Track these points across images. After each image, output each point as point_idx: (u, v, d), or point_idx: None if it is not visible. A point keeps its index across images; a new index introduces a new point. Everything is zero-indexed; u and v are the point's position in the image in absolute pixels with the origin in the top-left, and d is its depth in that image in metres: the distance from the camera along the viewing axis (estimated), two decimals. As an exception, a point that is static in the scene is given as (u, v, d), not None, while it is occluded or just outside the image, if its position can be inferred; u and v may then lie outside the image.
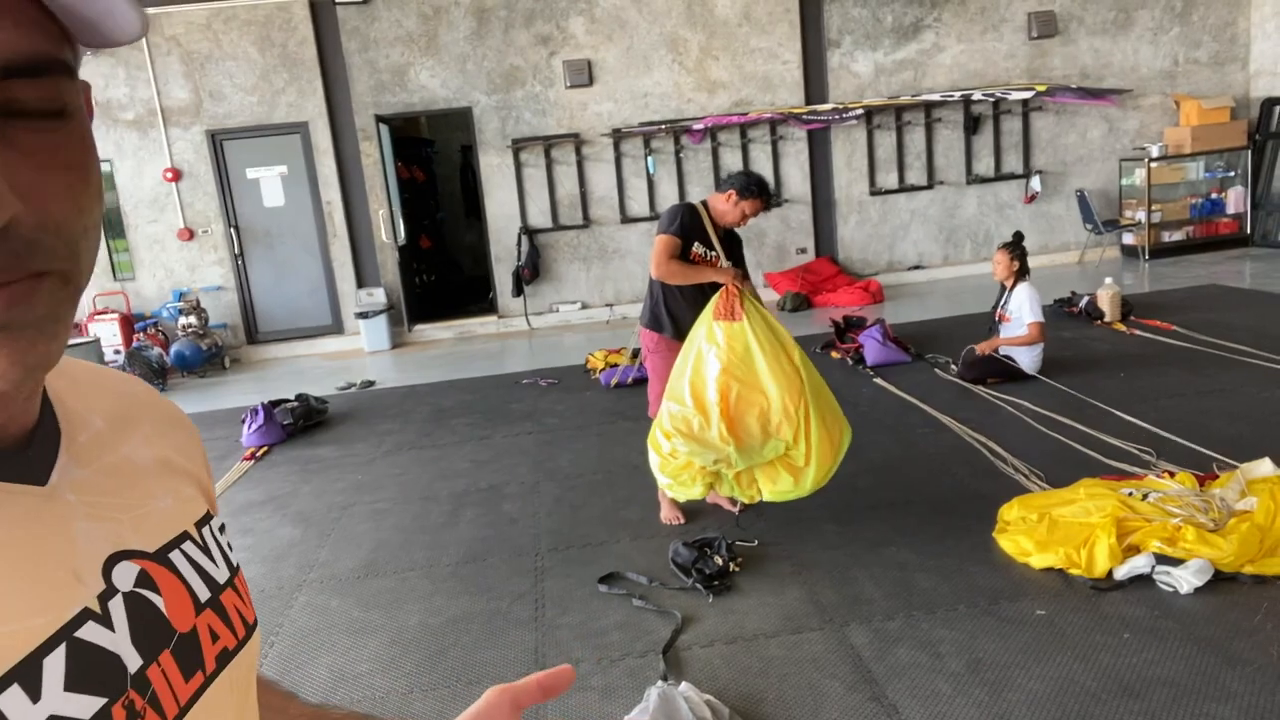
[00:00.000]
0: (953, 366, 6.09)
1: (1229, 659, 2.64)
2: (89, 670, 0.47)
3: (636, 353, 6.49)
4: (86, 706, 0.46)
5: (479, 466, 5.13)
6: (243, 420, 6.09)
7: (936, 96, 9.71)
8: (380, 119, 9.37)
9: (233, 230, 9.33)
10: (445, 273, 12.40)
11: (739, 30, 9.48)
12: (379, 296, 9.33)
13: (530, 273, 9.60)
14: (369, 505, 4.70)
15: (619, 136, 9.47)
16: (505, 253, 9.68)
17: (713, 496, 3.96)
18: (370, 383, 7.71)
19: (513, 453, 5.32)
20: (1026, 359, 5.68)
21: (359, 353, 9.27)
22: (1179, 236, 10.02)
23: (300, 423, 6.21)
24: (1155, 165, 9.74)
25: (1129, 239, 10.13)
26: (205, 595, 0.58)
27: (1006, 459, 4.36)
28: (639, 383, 6.16)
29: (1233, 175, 10.08)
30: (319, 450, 5.79)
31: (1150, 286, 8.51)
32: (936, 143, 9.94)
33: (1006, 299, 5.82)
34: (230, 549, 0.64)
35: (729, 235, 3.93)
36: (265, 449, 5.89)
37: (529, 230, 9.59)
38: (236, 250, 9.38)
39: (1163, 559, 3.09)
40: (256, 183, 9.33)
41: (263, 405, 6.10)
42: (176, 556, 0.57)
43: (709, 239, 3.82)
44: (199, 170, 9.19)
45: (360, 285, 9.49)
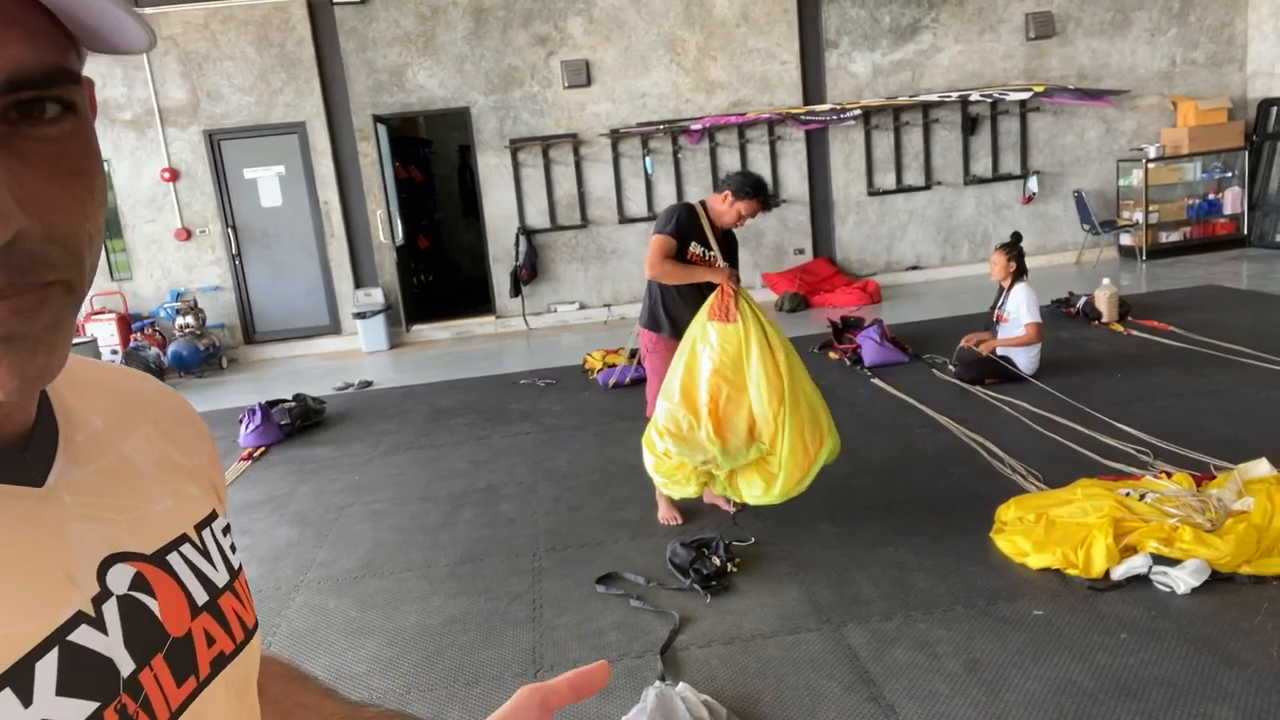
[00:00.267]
0: (951, 366, 6.09)
1: (1226, 659, 2.65)
2: (81, 674, 0.47)
3: (634, 353, 6.49)
4: (78, 711, 0.46)
5: (477, 467, 5.13)
6: (240, 420, 6.09)
7: (934, 97, 9.72)
8: (378, 119, 9.37)
9: (230, 230, 9.32)
10: (443, 273, 12.40)
11: (737, 31, 9.48)
12: (377, 297, 9.33)
13: (528, 273, 9.60)
14: (367, 506, 4.70)
15: (617, 137, 9.47)
16: (503, 253, 9.68)
17: (710, 496, 3.97)
18: (368, 383, 7.71)
19: (511, 453, 5.32)
20: (1024, 360, 5.69)
21: (357, 353, 9.26)
22: (1176, 237, 10.04)
23: (298, 423, 6.20)
24: (1153, 166, 9.75)
25: (1126, 240, 10.14)
26: (202, 599, 0.57)
27: (1004, 459, 4.36)
28: (637, 383, 6.16)
29: (1230, 176, 10.09)
30: (316, 451, 5.79)
31: (1147, 287, 8.52)
32: (934, 143, 9.94)
33: (1004, 300, 5.82)
34: (233, 551, 0.64)
35: (726, 235, 3.93)
36: (263, 449, 5.88)
37: (527, 230, 9.59)
38: (234, 250, 9.37)
39: (1160, 559, 3.10)
40: (254, 183, 9.32)
41: (260, 405, 6.09)
42: (174, 559, 0.57)
43: (706, 239, 3.82)
44: (196, 170, 9.18)
45: (358, 285, 9.49)
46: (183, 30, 8.88)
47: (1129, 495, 3.46)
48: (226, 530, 0.65)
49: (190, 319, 8.74)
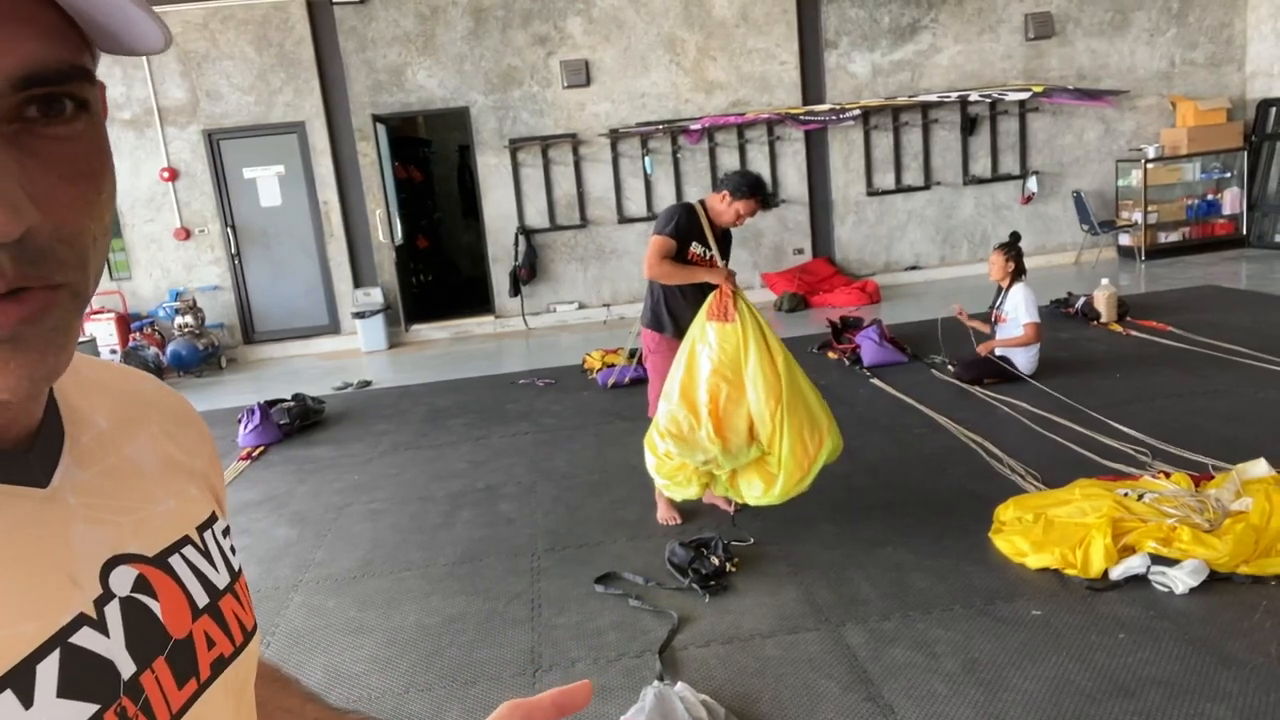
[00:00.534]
0: (950, 366, 6.10)
1: (1224, 659, 2.65)
2: (82, 676, 0.47)
3: (634, 353, 6.49)
4: (78, 713, 0.46)
5: (476, 467, 5.13)
6: (239, 420, 6.08)
7: (933, 97, 9.72)
8: (377, 119, 9.37)
9: (229, 230, 9.31)
10: (442, 273, 12.39)
11: (736, 31, 9.48)
12: (376, 296, 9.32)
13: (527, 273, 9.60)
14: (365, 505, 4.70)
15: (616, 137, 9.47)
16: (502, 253, 9.68)
17: (709, 496, 3.97)
18: (367, 383, 7.71)
19: (509, 453, 5.32)
20: (1023, 360, 5.69)
21: (356, 353, 9.26)
22: (1175, 237, 10.04)
23: (297, 423, 6.20)
24: (1152, 166, 9.75)
25: (1125, 240, 10.14)
26: (203, 601, 0.57)
27: (1003, 459, 4.36)
28: (636, 383, 6.16)
29: (1229, 176, 10.09)
30: (315, 450, 5.79)
31: (1146, 287, 8.53)
32: (933, 143, 9.95)
33: (1002, 300, 5.82)
34: (233, 552, 0.64)
35: (725, 235, 3.94)
36: (262, 449, 5.88)
37: (526, 230, 9.59)
38: (233, 250, 9.36)
39: (1158, 559, 3.10)
40: (253, 182, 9.32)
41: (259, 405, 6.09)
42: (176, 561, 0.57)
43: (706, 239, 3.82)
44: (196, 170, 9.17)
45: (357, 285, 9.48)
46: (182, 30, 8.87)
47: (1127, 495, 3.46)
48: (227, 532, 0.65)
49: (189, 318, 8.73)
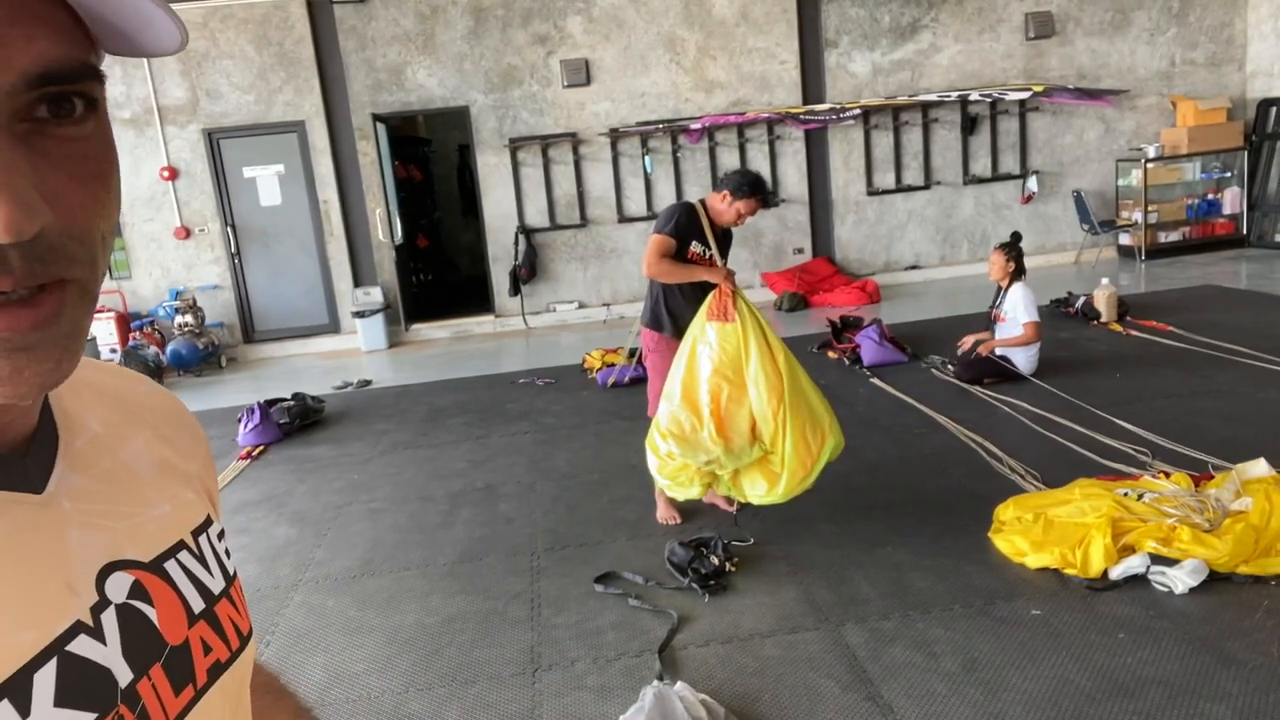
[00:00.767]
0: (949, 366, 6.09)
1: (1224, 659, 2.65)
2: (79, 685, 0.47)
3: (634, 352, 6.49)
4: None
5: (475, 466, 5.13)
6: (239, 419, 6.08)
7: (934, 97, 9.72)
8: (377, 118, 9.36)
9: (229, 229, 9.31)
10: (442, 272, 12.39)
11: (736, 30, 9.48)
12: (376, 296, 9.32)
13: (527, 272, 9.60)
14: (365, 505, 4.69)
15: (616, 136, 9.47)
16: (502, 252, 9.68)
17: (710, 496, 3.97)
18: (367, 382, 7.71)
19: (509, 452, 5.32)
20: (1022, 359, 5.69)
21: (355, 352, 9.26)
22: (1175, 237, 10.04)
23: (296, 422, 6.20)
24: (1152, 166, 9.75)
25: (1125, 240, 10.14)
26: (199, 606, 0.57)
27: (1002, 459, 4.36)
28: (636, 382, 6.16)
29: (1229, 176, 10.09)
30: (315, 450, 5.79)
31: (1146, 287, 8.53)
32: (933, 143, 9.94)
33: (1002, 299, 5.82)
34: (228, 556, 0.64)
35: (725, 234, 3.93)
36: (261, 448, 5.88)
37: (526, 230, 9.58)
38: (233, 249, 9.36)
39: (1158, 559, 3.10)
40: (253, 182, 9.32)
41: (259, 404, 6.09)
42: (172, 566, 0.57)
43: (706, 238, 3.81)
44: (195, 169, 9.17)
45: (357, 284, 9.48)
46: (182, 29, 8.85)
47: (1127, 495, 3.46)
48: (221, 535, 0.64)
49: (189, 318, 8.73)
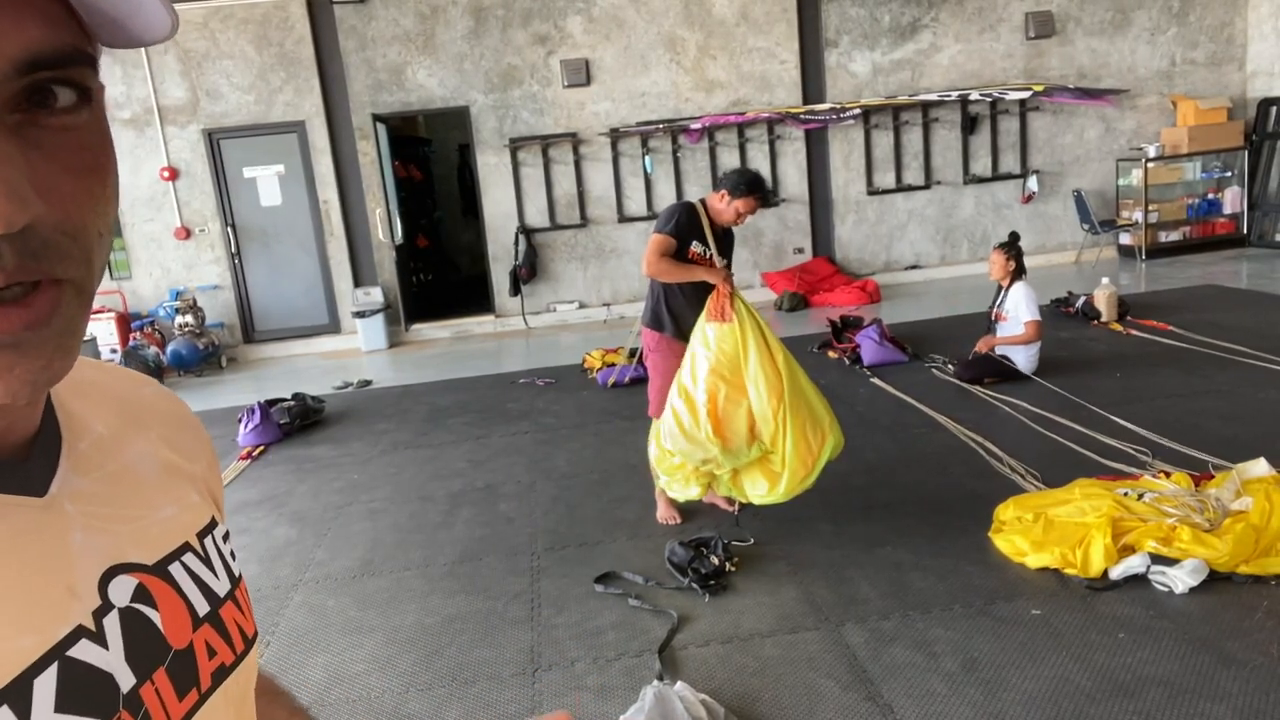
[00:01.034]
0: (950, 366, 6.09)
1: (1224, 659, 2.65)
2: (80, 690, 0.46)
3: (634, 352, 6.49)
4: None
5: (476, 466, 5.13)
6: (239, 420, 6.08)
7: (934, 96, 9.72)
8: (377, 118, 9.36)
9: (229, 229, 9.31)
10: (442, 272, 12.39)
11: (736, 30, 9.48)
12: (376, 296, 9.32)
13: (527, 272, 9.60)
14: (365, 505, 4.70)
15: (616, 136, 9.47)
16: (503, 252, 9.68)
17: (710, 496, 3.97)
18: (367, 382, 7.71)
19: (509, 452, 5.32)
20: (1022, 358, 5.69)
21: (356, 352, 9.26)
22: (1176, 237, 10.04)
23: (297, 422, 6.20)
24: (1152, 165, 9.75)
25: (1126, 239, 10.14)
26: (204, 609, 0.57)
27: (1003, 459, 4.36)
28: (636, 382, 6.16)
29: (1229, 176, 10.09)
30: (315, 450, 5.79)
31: (1147, 287, 8.53)
32: (934, 143, 9.94)
33: (1003, 298, 5.82)
34: (234, 558, 0.63)
35: (725, 233, 3.93)
36: (261, 448, 5.88)
37: (526, 230, 9.58)
38: (233, 249, 9.36)
39: (1158, 559, 3.10)
40: (253, 182, 9.32)
41: (259, 404, 6.09)
42: (176, 569, 0.56)
43: (706, 238, 3.81)
44: (196, 169, 9.17)
45: (357, 284, 9.48)
46: (182, 29, 8.86)
47: (1127, 495, 3.46)
48: (226, 537, 0.64)
49: (189, 318, 8.73)
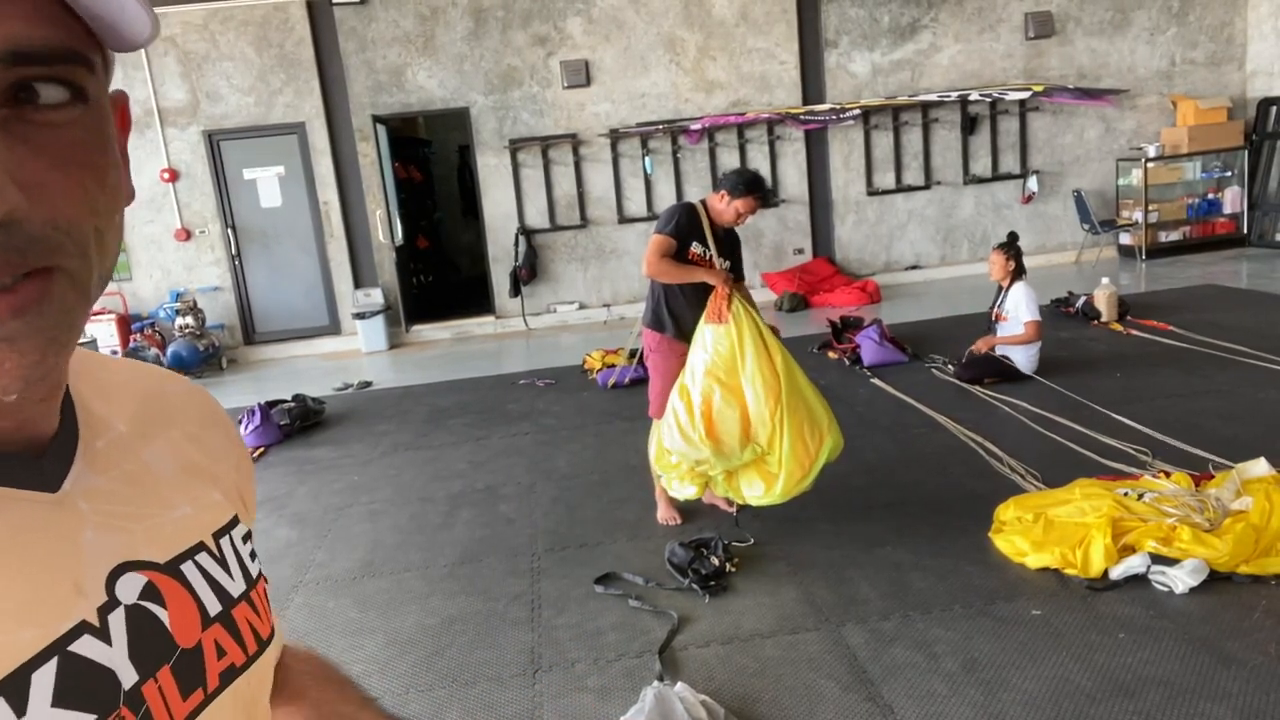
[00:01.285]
0: (950, 366, 6.09)
1: (1224, 659, 2.65)
2: (80, 685, 0.46)
3: (634, 353, 6.49)
4: None
5: (476, 467, 5.13)
6: (239, 421, 6.08)
7: (934, 97, 9.72)
8: (377, 119, 9.37)
9: (230, 231, 9.32)
10: (442, 273, 12.40)
11: (736, 30, 9.48)
12: (376, 297, 9.32)
13: (528, 273, 9.60)
14: (366, 506, 4.70)
15: (616, 137, 9.47)
16: (503, 253, 9.68)
17: (709, 497, 3.97)
18: (367, 383, 7.71)
19: (509, 453, 5.32)
20: (1023, 358, 5.69)
21: (356, 353, 9.26)
22: (1176, 237, 10.03)
23: (297, 423, 6.21)
24: (1152, 165, 9.75)
25: (1126, 239, 10.14)
26: (215, 609, 0.56)
27: (1003, 459, 4.36)
28: (636, 383, 6.16)
29: (1229, 175, 10.08)
30: (316, 451, 5.79)
31: (1147, 287, 8.52)
32: (934, 143, 9.94)
33: (1003, 299, 5.82)
34: (253, 558, 0.63)
35: (728, 235, 3.92)
36: (262, 450, 5.88)
37: (526, 230, 9.59)
38: (233, 251, 9.37)
39: (1158, 559, 3.10)
40: (254, 183, 9.32)
41: (260, 406, 6.09)
42: (189, 568, 0.56)
43: (706, 239, 3.81)
44: (196, 171, 9.18)
45: (357, 286, 9.48)
46: (182, 30, 8.88)
47: (1127, 495, 3.46)
48: (247, 537, 0.63)
49: (190, 319, 8.73)
